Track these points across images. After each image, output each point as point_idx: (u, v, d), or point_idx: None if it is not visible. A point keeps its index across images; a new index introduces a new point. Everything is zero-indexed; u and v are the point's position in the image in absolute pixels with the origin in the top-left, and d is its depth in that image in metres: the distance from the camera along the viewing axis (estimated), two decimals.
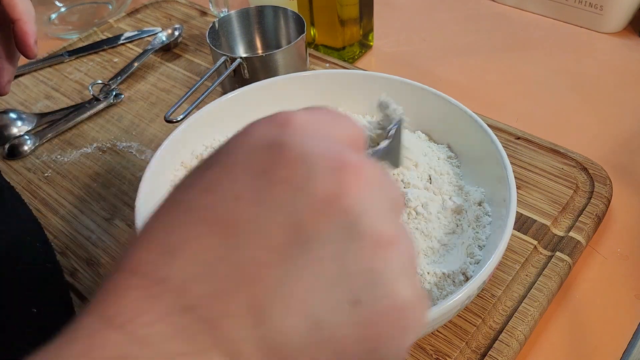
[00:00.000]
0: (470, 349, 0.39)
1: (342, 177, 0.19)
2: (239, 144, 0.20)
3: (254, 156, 0.19)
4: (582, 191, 0.49)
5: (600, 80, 0.65)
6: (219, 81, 0.57)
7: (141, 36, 0.75)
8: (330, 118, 0.22)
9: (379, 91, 0.51)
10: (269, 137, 0.20)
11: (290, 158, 0.19)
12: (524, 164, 0.52)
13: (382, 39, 0.74)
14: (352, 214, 0.19)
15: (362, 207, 0.19)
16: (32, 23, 0.43)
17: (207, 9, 0.80)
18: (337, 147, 0.20)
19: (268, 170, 0.19)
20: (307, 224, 0.18)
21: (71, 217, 0.52)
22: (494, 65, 0.68)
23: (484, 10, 0.78)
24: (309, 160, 0.19)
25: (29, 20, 0.43)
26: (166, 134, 0.48)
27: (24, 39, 0.43)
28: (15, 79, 0.70)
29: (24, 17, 0.43)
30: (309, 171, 0.19)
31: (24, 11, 0.43)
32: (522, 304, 0.41)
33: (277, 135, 0.20)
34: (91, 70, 0.71)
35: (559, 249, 0.44)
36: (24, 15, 0.43)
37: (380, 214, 0.19)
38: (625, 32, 0.71)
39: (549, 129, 0.57)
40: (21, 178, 0.57)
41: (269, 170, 0.19)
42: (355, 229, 0.18)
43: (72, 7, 0.82)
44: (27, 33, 0.43)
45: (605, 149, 0.55)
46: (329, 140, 0.20)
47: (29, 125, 0.62)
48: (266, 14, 0.64)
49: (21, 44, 0.43)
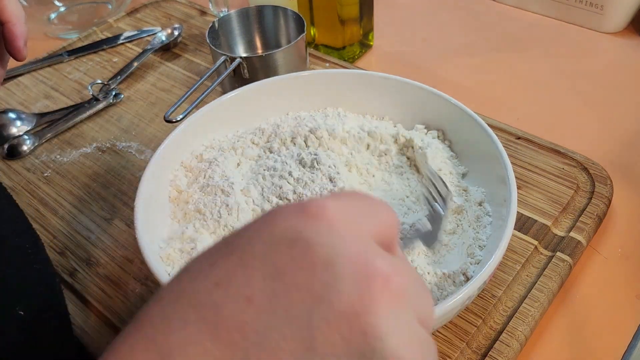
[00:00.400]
0: (470, 349, 0.39)
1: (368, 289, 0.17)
2: (262, 231, 0.18)
3: (275, 251, 0.17)
4: (583, 191, 0.49)
5: (601, 80, 0.65)
6: (218, 81, 0.57)
7: (141, 36, 0.75)
8: (365, 206, 0.20)
9: (379, 91, 0.51)
10: (296, 230, 0.18)
11: (314, 261, 0.17)
12: (524, 164, 0.52)
13: (382, 39, 0.74)
14: (374, 337, 0.17)
15: (385, 329, 0.17)
16: (21, 25, 0.43)
17: (206, 9, 0.80)
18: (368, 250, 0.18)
19: (288, 271, 0.17)
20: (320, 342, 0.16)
21: (70, 217, 0.52)
22: (494, 65, 0.68)
23: (484, 10, 0.78)
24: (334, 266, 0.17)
25: (18, 23, 0.42)
26: (166, 133, 0.48)
27: (13, 42, 0.42)
28: (14, 78, 0.70)
29: (13, 19, 0.42)
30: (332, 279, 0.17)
31: (14, 13, 0.42)
32: (523, 305, 0.41)
33: (304, 229, 0.18)
34: (91, 70, 0.71)
35: (559, 249, 0.44)
36: (13, 18, 0.42)
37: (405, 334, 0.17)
38: (626, 32, 0.71)
39: (550, 128, 0.57)
40: (20, 178, 0.57)
41: (288, 272, 0.17)
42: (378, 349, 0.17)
43: (72, 7, 0.82)
44: (16, 35, 0.42)
45: (606, 148, 0.55)
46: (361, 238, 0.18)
47: (28, 125, 0.62)
48: (266, 14, 0.64)
49: (10, 47, 0.43)
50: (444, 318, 0.35)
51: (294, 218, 0.18)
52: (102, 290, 0.45)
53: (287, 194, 0.43)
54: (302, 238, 0.17)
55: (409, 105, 0.50)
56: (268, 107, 0.52)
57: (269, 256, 0.17)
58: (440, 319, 0.34)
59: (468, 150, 0.47)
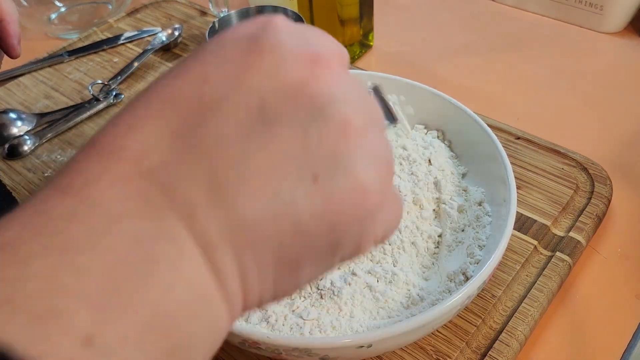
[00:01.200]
0: (470, 349, 0.39)
1: (314, 67, 0.19)
2: (216, 39, 0.20)
3: (229, 47, 0.19)
4: (582, 191, 0.49)
5: (600, 80, 0.65)
6: None
7: (141, 36, 0.75)
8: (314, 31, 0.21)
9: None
10: (248, 32, 0.20)
11: (265, 47, 0.19)
12: (524, 164, 0.52)
13: (382, 39, 0.74)
14: (320, 98, 0.19)
15: (331, 95, 0.19)
16: (15, 24, 0.44)
17: (207, 9, 0.80)
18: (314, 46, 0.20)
19: (239, 58, 0.19)
20: (272, 105, 0.18)
21: None
22: (493, 65, 0.68)
23: (483, 10, 0.78)
24: (283, 50, 0.19)
25: (12, 21, 0.44)
26: None
27: (7, 40, 0.44)
28: (14, 79, 0.70)
29: (7, 18, 0.44)
30: (280, 59, 0.19)
31: (8, 12, 0.44)
32: (523, 304, 0.41)
33: (256, 31, 0.20)
34: (91, 70, 0.71)
35: (559, 249, 0.44)
36: (7, 16, 0.44)
37: (352, 105, 0.19)
38: (626, 32, 0.71)
39: (549, 128, 0.57)
40: (21, 178, 0.57)
41: (239, 59, 0.19)
42: (322, 112, 0.19)
43: (72, 7, 0.82)
44: (11, 34, 0.44)
45: (605, 149, 0.55)
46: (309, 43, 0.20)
47: (28, 125, 0.62)
48: (266, 14, 0.64)
49: (5, 44, 0.44)
50: (443, 318, 0.35)
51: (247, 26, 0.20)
52: None
53: None
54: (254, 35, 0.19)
55: (409, 105, 0.50)
56: None
57: (224, 51, 0.19)
58: (440, 318, 0.34)
59: (468, 150, 0.47)
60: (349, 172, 0.19)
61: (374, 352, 0.34)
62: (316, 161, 0.18)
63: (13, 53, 0.45)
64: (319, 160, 0.19)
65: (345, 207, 0.19)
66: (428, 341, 0.40)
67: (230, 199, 0.17)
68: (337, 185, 0.19)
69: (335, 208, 0.19)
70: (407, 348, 0.39)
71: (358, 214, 0.19)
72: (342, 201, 0.19)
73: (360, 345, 0.32)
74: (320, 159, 0.19)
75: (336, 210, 0.19)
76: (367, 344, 0.32)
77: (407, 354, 0.39)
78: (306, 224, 0.18)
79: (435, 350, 0.39)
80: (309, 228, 0.19)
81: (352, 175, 0.19)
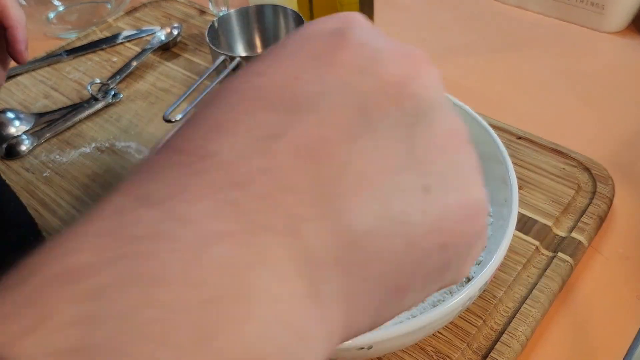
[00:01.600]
0: (471, 350, 0.39)
1: (413, 62, 0.18)
2: (295, 35, 0.18)
3: (314, 42, 0.17)
4: (584, 191, 0.49)
5: (601, 79, 0.64)
6: (218, 80, 0.57)
7: (140, 35, 0.75)
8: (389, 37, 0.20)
9: None
10: (330, 27, 0.18)
11: (354, 43, 0.17)
12: (525, 164, 0.51)
13: None
14: (425, 101, 0.17)
15: (435, 98, 0.17)
16: (23, 30, 0.45)
17: (206, 8, 0.79)
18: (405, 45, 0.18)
19: (328, 53, 0.17)
20: (374, 106, 0.16)
21: (70, 217, 0.52)
22: (494, 65, 0.68)
23: (484, 9, 0.78)
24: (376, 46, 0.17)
25: (20, 27, 0.45)
26: (165, 133, 0.48)
27: (15, 46, 0.45)
28: (13, 78, 0.70)
29: (16, 24, 0.44)
30: (374, 54, 0.17)
31: (16, 18, 0.44)
32: (524, 305, 0.41)
33: (341, 25, 0.18)
34: (90, 69, 0.71)
35: (560, 249, 0.44)
36: (16, 22, 0.44)
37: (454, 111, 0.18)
38: (627, 32, 0.71)
39: (551, 128, 0.57)
40: (19, 178, 0.57)
41: (329, 53, 0.17)
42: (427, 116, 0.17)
43: (71, 7, 0.82)
44: (19, 40, 0.45)
45: (607, 149, 0.55)
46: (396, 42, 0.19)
47: (27, 125, 0.62)
48: (266, 13, 0.64)
49: (13, 50, 0.45)
50: (445, 319, 0.35)
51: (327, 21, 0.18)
52: None
53: None
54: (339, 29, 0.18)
55: None
56: None
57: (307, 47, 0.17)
58: (441, 319, 0.34)
59: None
60: (463, 186, 0.17)
61: (374, 354, 0.34)
62: (425, 170, 0.17)
63: (20, 59, 0.45)
64: (428, 169, 0.17)
65: (459, 225, 0.17)
66: (429, 342, 0.39)
67: (339, 210, 0.15)
68: (451, 199, 0.17)
69: (448, 225, 0.17)
70: (408, 349, 0.39)
71: (469, 233, 0.17)
72: (456, 218, 0.17)
73: (361, 347, 0.32)
74: (430, 167, 0.17)
75: (449, 228, 0.17)
76: (367, 345, 0.32)
77: (408, 355, 0.39)
78: (419, 241, 0.16)
79: (436, 351, 0.39)
80: (422, 246, 0.16)
81: (466, 190, 0.17)
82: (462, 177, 0.17)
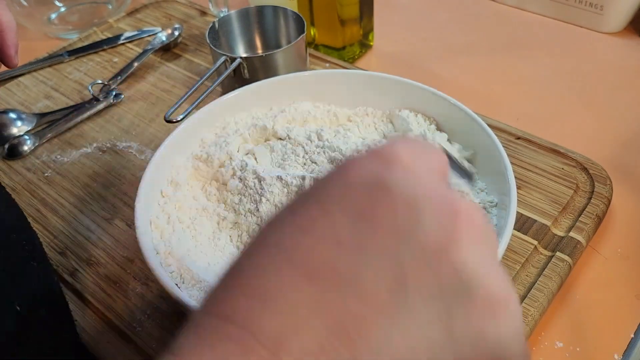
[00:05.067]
0: None
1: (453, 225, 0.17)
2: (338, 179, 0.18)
3: (354, 194, 0.18)
4: (583, 191, 0.49)
5: (600, 80, 0.65)
6: (219, 81, 0.57)
7: (141, 36, 0.75)
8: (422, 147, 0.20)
9: (379, 91, 0.51)
10: (372, 174, 0.18)
11: (396, 200, 0.17)
12: (524, 164, 0.52)
13: (382, 39, 0.74)
14: (464, 271, 0.17)
15: (473, 263, 0.17)
16: (13, 33, 0.45)
17: (206, 9, 0.80)
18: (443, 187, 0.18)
19: (370, 212, 0.17)
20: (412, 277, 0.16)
21: (71, 217, 0.52)
22: (494, 65, 0.68)
23: (484, 10, 0.78)
24: (417, 204, 0.17)
25: (10, 31, 0.45)
26: (166, 134, 0.48)
27: (5, 50, 0.45)
28: (14, 78, 0.70)
29: (5, 28, 0.45)
30: (415, 216, 0.17)
31: (6, 22, 0.45)
32: (523, 304, 0.41)
33: (380, 173, 0.18)
34: (91, 70, 0.71)
35: (559, 249, 0.44)
36: (5, 26, 0.45)
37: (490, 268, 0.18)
38: (626, 32, 0.71)
39: (549, 128, 0.57)
40: (21, 178, 0.57)
41: (371, 213, 0.17)
42: (466, 287, 0.17)
43: (72, 7, 0.82)
44: (8, 44, 0.45)
45: (605, 148, 0.55)
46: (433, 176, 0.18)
47: (28, 125, 0.62)
48: (266, 14, 0.64)
49: (3, 54, 0.45)
50: None
51: (367, 164, 0.18)
52: (102, 290, 0.45)
53: None
54: (379, 180, 0.18)
55: (409, 105, 0.50)
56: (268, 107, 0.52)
57: (349, 200, 0.17)
58: None
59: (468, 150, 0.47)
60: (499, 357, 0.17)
61: None
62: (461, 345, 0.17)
63: (10, 63, 0.46)
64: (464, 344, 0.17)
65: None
66: None
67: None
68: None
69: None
70: None
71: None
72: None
73: None
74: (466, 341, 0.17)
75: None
76: None
77: None
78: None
79: None
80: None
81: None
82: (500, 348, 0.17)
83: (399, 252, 0.17)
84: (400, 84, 0.50)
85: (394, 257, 0.16)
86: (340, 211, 0.17)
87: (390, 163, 0.18)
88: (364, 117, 0.52)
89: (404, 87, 0.50)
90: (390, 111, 0.51)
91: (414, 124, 0.49)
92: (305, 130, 0.48)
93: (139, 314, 0.43)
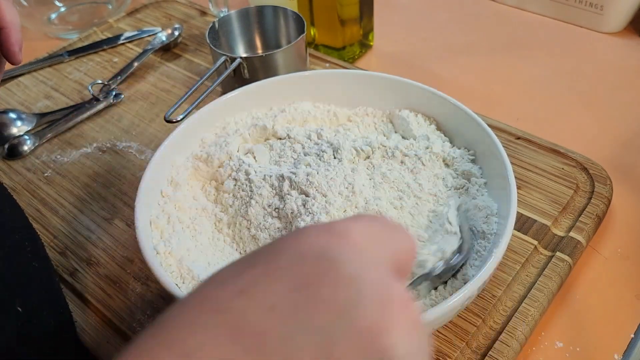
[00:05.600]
0: (470, 349, 0.39)
1: (388, 311, 0.18)
2: (287, 246, 0.19)
3: (300, 264, 0.18)
4: (583, 191, 0.49)
5: (600, 80, 0.65)
6: (219, 81, 0.57)
7: (141, 36, 0.75)
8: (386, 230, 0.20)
9: (379, 91, 0.51)
10: (321, 247, 0.18)
11: (339, 277, 0.17)
12: (524, 164, 0.52)
13: (382, 39, 0.74)
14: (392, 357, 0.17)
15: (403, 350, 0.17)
16: (17, 31, 0.45)
17: (206, 9, 0.80)
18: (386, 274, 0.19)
19: (312, 284, 0.17)
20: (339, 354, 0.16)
21: (71, 217, 0.52)
22: (494, 65, 0.68)
23: (484, 10, 0.78)
24: (357, 284, 0.18)
25: (14, 28, 0.45)
26: (166, 134, 0.48)
27: (9, 47, 0.45)
28: (14, 78, 0.70)
29: (9, 25, 0.45)
30: (355, 296, 0.17)
31: (10, 20, 0.45)
32: (523, 304, 0.41)
33: (329, 247, 0.18)
34: (91, 70, 0.71)
35: (559, 249, 0.44)
36: (9, 23, 0.45)
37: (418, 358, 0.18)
38: (626, 32, 0.71)
39: (549, 128, 0.57)
40: (21, 178, 0.57)
41: (312, 285, 0.17)
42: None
43: (72, 7, 0.82)
44: (12, 41, 0.45)
45: (605, 149, 0.55)
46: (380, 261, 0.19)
47: (28, 125, 0.62)
48: (266, 14, 0.64)
49: (7, 51, 0.45)
50: (444, 318, 0.35)
51: (320, 236, 0.19)
52: (102, 290, 0.45)
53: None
54: (327, 254, 0.18)
55: (409, 105, 0.50)
56: (268, 108, 0.52)
57: (294, 269, 0.18)
58: (440, 319, 0.34)
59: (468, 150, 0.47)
60: None
61: None
62: None
63: (14, 60, 0.46)
64: None
65: None
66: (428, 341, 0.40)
67: None
68: None
69: None
70: None
71: None
72: None
73: None
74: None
75: None
76: None
77: None
78: None
79: (436, 350, 0.39)
80: None
81: None
82: None
83: (332, 327, 0.17)
84: (400, 84, 0.50)
85: (325, 331, 0.17)
86: (283, 277, 0.18)
87: (341, 239, 0.19)
88: (364, 117, 0.52)
89: (404, 87, 0.50)
90: (390, 111, 0.51)
91: (414, 124, 0.49)
92: (305, 130, 0.48)
93: (139, 314, 0.43)
